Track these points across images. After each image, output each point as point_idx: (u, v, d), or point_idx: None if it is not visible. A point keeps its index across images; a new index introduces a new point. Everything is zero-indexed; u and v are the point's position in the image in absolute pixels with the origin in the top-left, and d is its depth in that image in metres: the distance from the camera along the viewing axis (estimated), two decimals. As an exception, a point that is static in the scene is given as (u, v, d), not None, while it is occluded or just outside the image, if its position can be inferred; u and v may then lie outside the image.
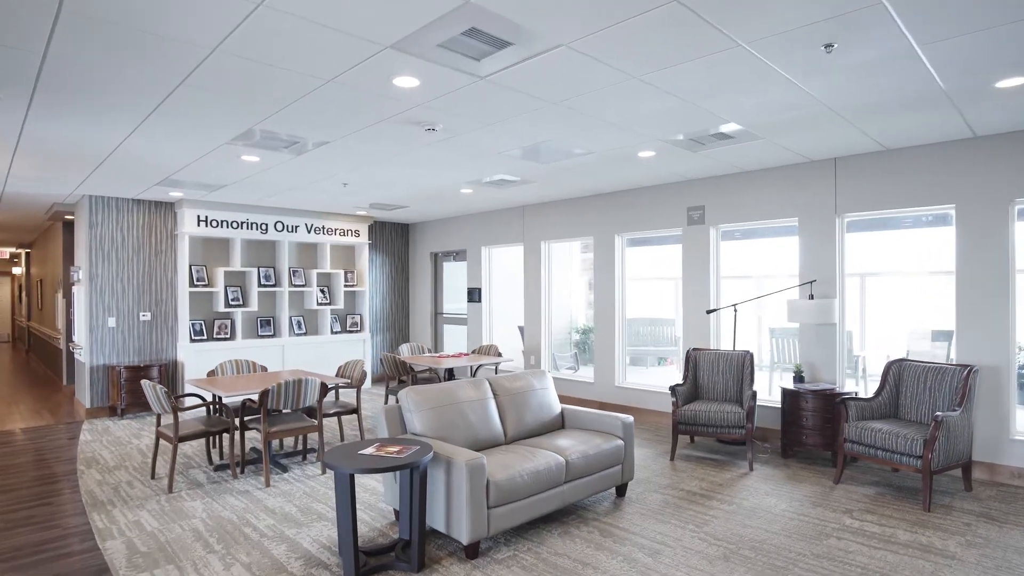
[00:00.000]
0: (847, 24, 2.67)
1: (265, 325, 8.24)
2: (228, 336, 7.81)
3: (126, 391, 6.86)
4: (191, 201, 7.36)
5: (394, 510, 3.82)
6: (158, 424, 4.68)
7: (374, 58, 3.00)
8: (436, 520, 3.34)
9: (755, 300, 5.94)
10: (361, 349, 9.05)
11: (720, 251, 6.23)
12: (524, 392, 4.36)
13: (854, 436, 4.41)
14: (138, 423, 6.70)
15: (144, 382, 4.50)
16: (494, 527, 3.28)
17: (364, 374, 5.45)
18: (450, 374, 6.60)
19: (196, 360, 7.40)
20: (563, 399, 7.51)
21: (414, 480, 3.13)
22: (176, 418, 4.39)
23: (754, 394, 4.98)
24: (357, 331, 9.12)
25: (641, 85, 3.42)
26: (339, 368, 5.76)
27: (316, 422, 4.78)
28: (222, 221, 7.69)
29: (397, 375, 6.40)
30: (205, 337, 7.63)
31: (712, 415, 5.02)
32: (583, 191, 6.97)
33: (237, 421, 4.87)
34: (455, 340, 9.56)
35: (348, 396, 8.18)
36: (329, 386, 4.97)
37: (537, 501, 3.53)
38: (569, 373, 8.50)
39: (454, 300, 9.63)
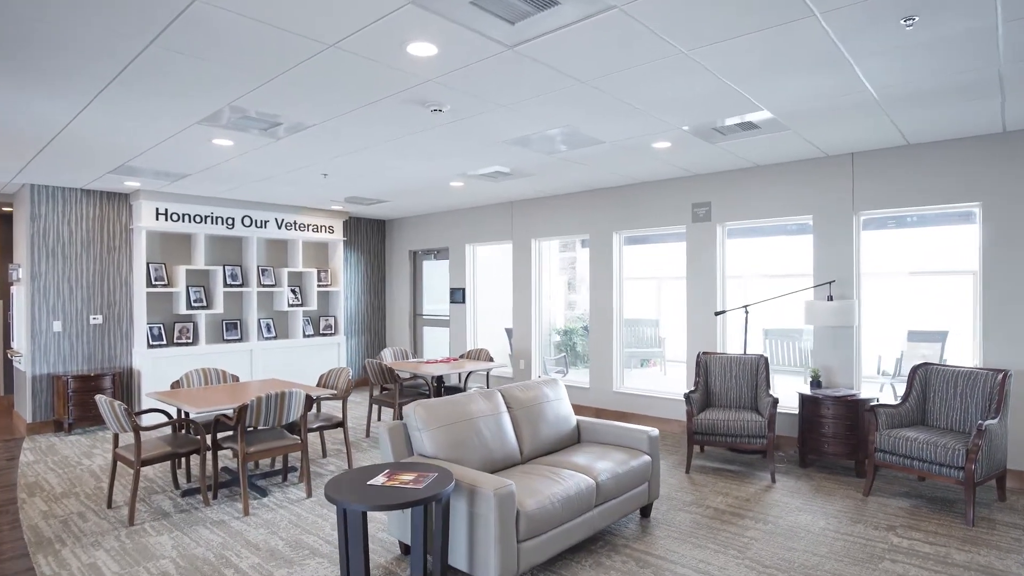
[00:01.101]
0: (940, -10, 2.35)
1: (231, 328, 7.57)
2: (190, 341, 7.12)
3: (74, 403, 6.13)
4: (149, 192, 6.65)
5: (400, 542, 3.35)
6: (115, 444, 4.07)
7: (391, 16, 2.53)
8: (456, 557, 2.89)
9: (761, 301, 5.68)
10: (336, 353, 8.46)
11: (727, 250, 5.95)
12: (539, 404, 3.94)
13: (886, 446, 4.16)
14: (89, 439, 5.98)
15: (99, 398, 3.89)
16: (524, 563, 2.86)
17: (351, 384, 4.93)
18: (439, 381, 6.13)
19: (155, 368, 6.70)
20: (556, 405, 7.12)
21: (435, 515, 2.67)
22: (138, 439, 3.80)
23: (775, 401, 4.69)
24: (331, 334, 8.52)
25: (684, 62, 3.05)
26: (321, 377, 5.22)
27: (299, 439, 4.25)
28: (184, 215, 7.00)
29: (381, 383, 5.89)
30: (164, 342, 6.93)
31: (731, 424, 4.71)
32: (580, 186, 6.60)
33: (209, 439, 4.30)
34: (436, 343, 9.06)
35: (327, 406, 7.59)
36: (314, 398, 4.44)
37: (568, 530, 3.12)
38: (558, 378, 8.12)
39: (435, 301, 9.13)
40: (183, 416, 4.48)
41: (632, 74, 3.23)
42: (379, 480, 2.73)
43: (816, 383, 5.08)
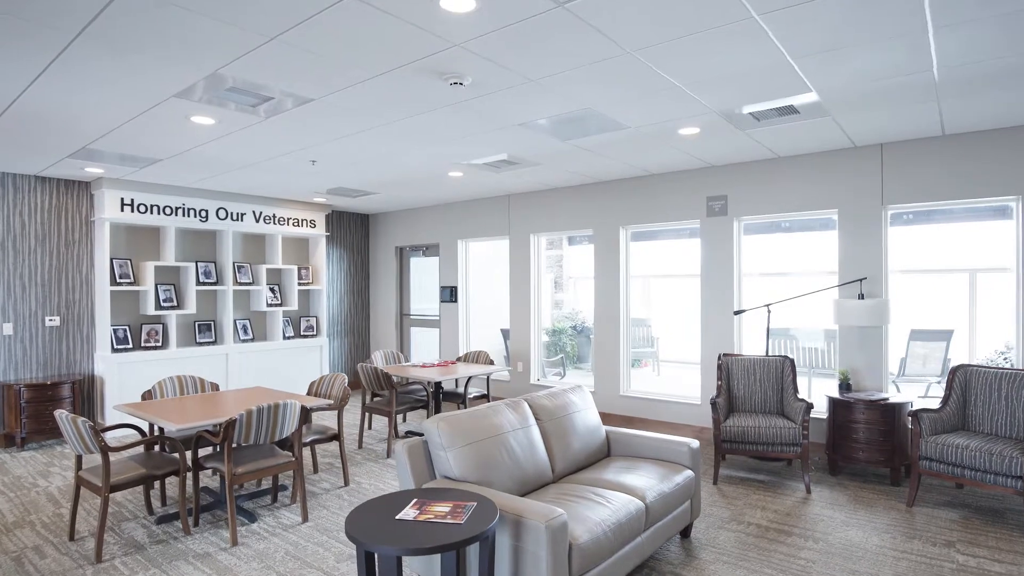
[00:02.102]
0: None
1: (205, 330, 6.97)
2: (159, 344, 6.51)
3: (28, 415, 5.47)
4: (113, 180, 6.02)
5: (421, 578, 2.91)
6: (78, 467, 3.51)
7: (429, -44, 2.10)
8: (497, 599, 2.48)
9: (784, 300, 5.40)
10: (318, 357, 7.91)
11: (743, 246, 5.66)
12: (568, 414, 3.55)
13: (932, 453, 3.90)
14: (45, 456, 5.34)
15: (59, 415, 3.33)
16: (575, 604, 2.46)
17: (347, 392, 4.45)
18: (437, 387, 5.68)
19: (120, 375, 6.07)
20: (558, 410, 6.74)
21: (480, 556, 2.25)
22: (107, 462, 3.26)
23: (808, 407, 4.40)
24: (313, 335, 7.97)
25: (750, 27, 2.69)
26: (312, 384, 4.72)
27: (292, 456, 3.76)
28: (152, 206, 6.38)
29: (375, 389, 5.41)
30: (131, 346, 6.30)
31: (763, 431, 4.40)
32: (586, 178, 6.23)
33: (189, 458, 3.78)
34: (424, 345, 8.58)
35: (317, 416, 7.04)
36: (310, 409, 3.96)
37: (618, 560, 2.73)
38: (556, 380, 7.75)
39: (423, 300, 8.66)
40: (158, 433, 3.94)
41: (686, 43, 2.86)
42: (409, 513, 2.29)
43: (845, 386, 4.81)
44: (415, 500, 2.42)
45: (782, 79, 3.35)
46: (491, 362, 6.20)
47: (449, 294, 7.95)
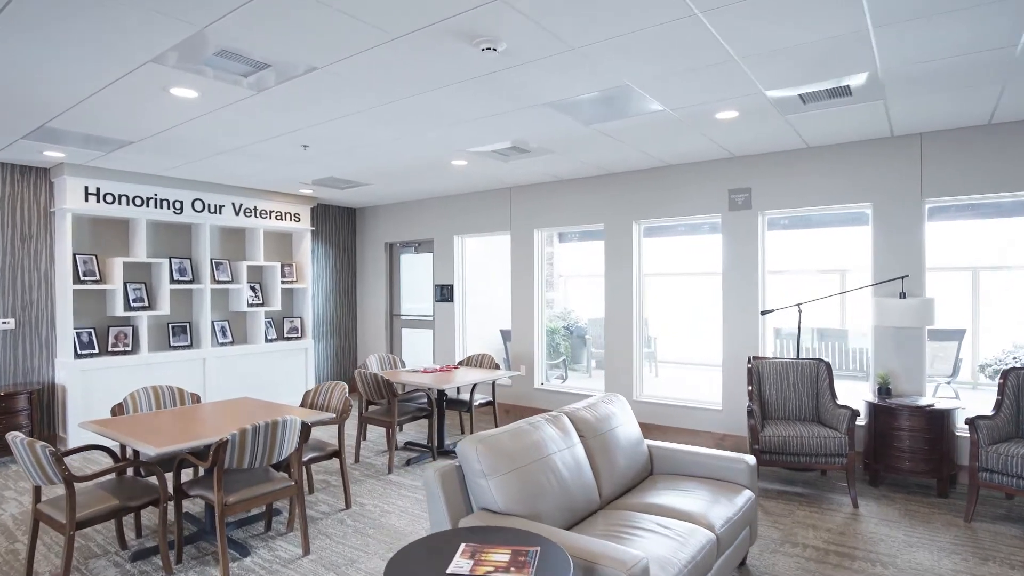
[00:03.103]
0: None
1: (179, 333, 6.37)
2: (128, 348, 5.90)
3: (-24, 431, 4.84)
4: (77, 167, 5.40)
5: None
6: (36, 499, 2.97)
7: None
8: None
9: (817, 299, 5.09)
10: (303, 361, 7.37)
11: (767, 242, 5.33)
12: (611, 428, 3.14)
13: (994, 464, 3.61)
14: (-4, 477, 4.73)
15: (12, 438, 2.79)
16: (654, 665, 2.05)
17: (348, 403, 3.97)
18: (440, 396, 5.22)
19: (85, 383, 5.46)
20: (564, 416, 6.35)
21: (552, 615, 1.82)
22: (71, 495, 2.74)
23: (854, 414, 4.08)
24: (297, 338, 7.42)
25: (843, -16, 2.32)
26: (308, 394, 4.22)
27: (291, 480, 3.28)
28: (120, 196, 5.77)
29: (374, 397, 4.93)
30: (96, 351, 5.69)
31: (805, 441, 4.07)
32: (598, 169, 5.83)
33: (170, 482, 3.26)
34: (417, 347, 8.09)
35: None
36: (311, 424, 3.48)
37: (692, 606, 2.33)
38: (558, 384, 7.36)
39: (415, 299, 8.17)
40: (133, 457, 3.41)
41: (767, 2, 2.47)
42: (462, 565, 1.85)
43: (884, 390, 4.51)
44: (464, 546, 1.98)
45: (850, 53, 3.00)
46: (496, 366, 5.77)
47: (444, 293, 7.48)
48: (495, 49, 2.85)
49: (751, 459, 3.16)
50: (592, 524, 2.61)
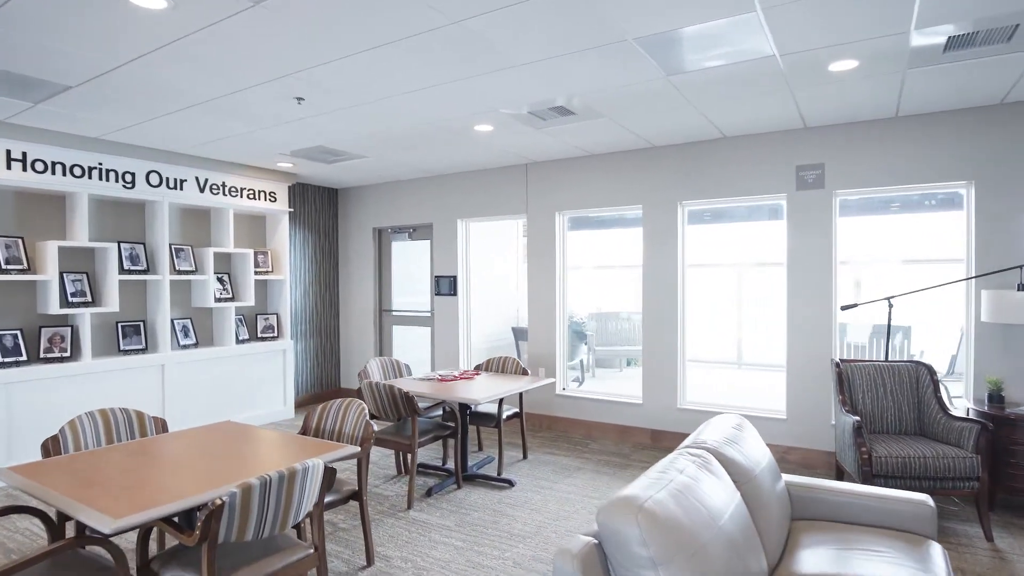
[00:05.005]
0: None
1: (131, 334, 5.24)
2: (67, 355, 4.76)
3: None
4: (-7, 123, 4.23)
5: None
6: (-78, 598, 1.94)
7: None
8: None
9: (910, 292, 4.42)
10: (281, 365, 6.31)
11: (838, 227, 4.63)
12: (759, 467, 2.32)
13: None
14: None
15: None
16: None
17: (371, 429, 3.02)
18: (464, 410, 4.31)
19: (8, 400, 4.31)
20: (589, 428, 5.55)
21: None
22: (-24, 600, 1.74)
23: (983, 427, 3.40)
24: (273, 338, 6.36)
25: None
26: (314, 418, 3.24)
27: (310, 546, 2.35)
28: (55, 164, 4.61)
29: (389, 415, 3.99)
30: (24, 357, 4.53)
31: (929, 463, 3.36)
32: (638, 141, 5.01)
33: (133, 559, 2.28)
34: (410, 348, 7.13)
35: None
36: (331, 461, 2.54)
37: None
38: (575, 387, 6.55)
39: (408, 293, 7.19)
40: (77, 534, 2.39)
41: None
42: None
43: (996, 398, 3.86)
44: None
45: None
46: (524, 371, 4.90)
47: (446, 285, 6.54)
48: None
49: (928, 500, 2.40)
50: (778, 618, 1.79)
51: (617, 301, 9.16)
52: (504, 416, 4.58)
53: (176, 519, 2.48)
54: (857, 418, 3.53)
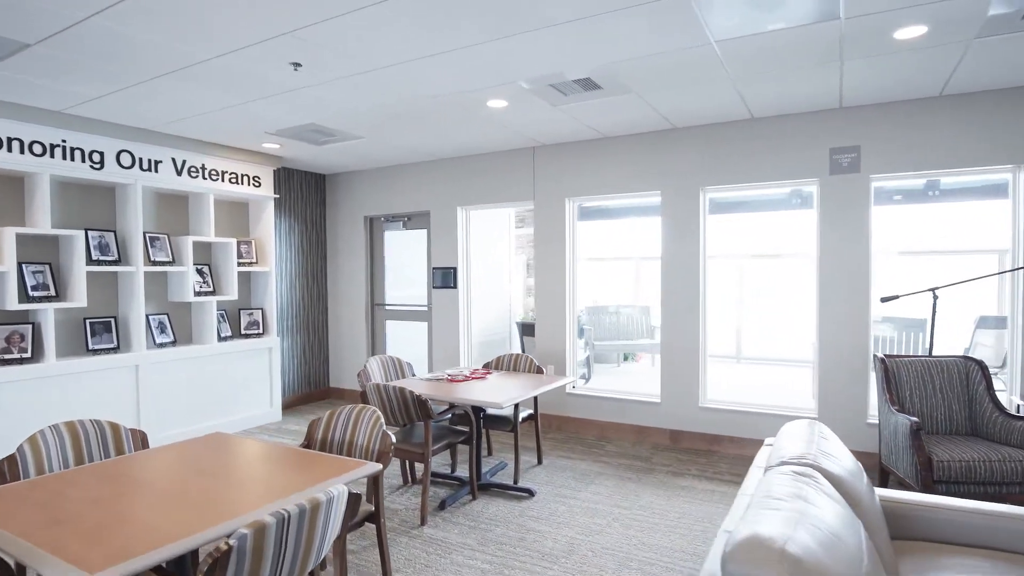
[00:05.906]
0: None
1: (101, 332, 4.73)
2: (27, 355, 4.24)
3: None
4: (-64, 91, 3.69)
5: None
6: None
7: None
8: None
9: (956, 283, 4.16)
10: (267, 364, 5.84)
11: (872, 215, 4.36)
12: (860, 483, 2.00)
13: None
14: None
15: None
16: None
17: (389, 441, 2.62)
18: (477, 413, 3.92)
19: (-43, 407, 3.79)
20: (603, 429, 5.22)
21: None
22: None
23: (1052, 430, 3.15)
24: (258, 334, 5.88)
25: None
26: (319, 428, 2.83)
27: (329, 583, 1.94)
28: (12, 140, 4.08)
29: (399, 420, 3.59)
30: (-23, 360, 4.01)
31: (995, 467, 3.10)
32: (663, 121, 4.66)
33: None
34: (404, 343, 6.70)
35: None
36: (351, 483, 2.13)
37: None
38: (582, 384, 6.21)
39: (403, 285, 6.76)
40: None
41: None
42: None
43: (1052, 396, 3.63)
44: None
45: None
46: (539, 369, 4.53)
47: (445, 278, 6.13)
48: None
49: (1020, 511, 2.11)
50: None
51: (611, 294, 8.86)
52: (520, 419, 4.21)
53: (164, 565, 2.05)
54: (916, 419, 3.24)
